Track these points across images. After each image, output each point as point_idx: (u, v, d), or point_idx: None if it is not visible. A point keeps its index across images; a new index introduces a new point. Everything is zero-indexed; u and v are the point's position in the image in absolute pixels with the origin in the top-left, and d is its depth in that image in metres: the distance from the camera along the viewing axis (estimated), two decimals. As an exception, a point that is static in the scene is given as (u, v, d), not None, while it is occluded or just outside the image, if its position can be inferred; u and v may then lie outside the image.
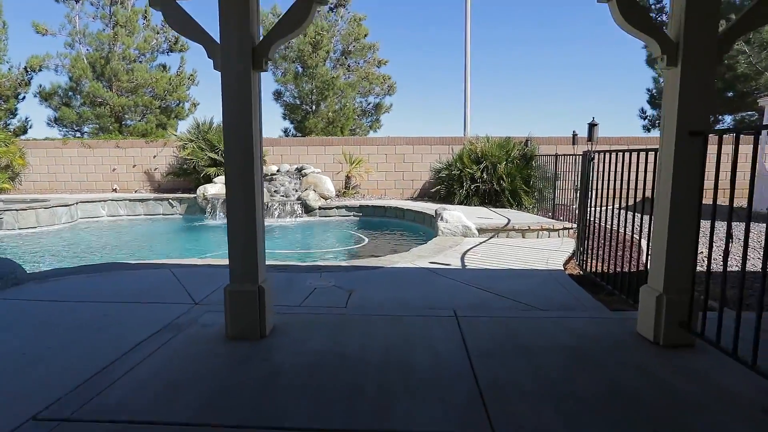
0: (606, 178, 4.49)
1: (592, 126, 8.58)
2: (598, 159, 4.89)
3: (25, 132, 16.97)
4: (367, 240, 8.00)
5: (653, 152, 3.58)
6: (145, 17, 16.26)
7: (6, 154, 12.52)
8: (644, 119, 17.73)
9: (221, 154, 11.56)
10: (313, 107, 16.11)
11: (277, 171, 11.89)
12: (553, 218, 8.38)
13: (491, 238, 6.99)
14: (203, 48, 3.08)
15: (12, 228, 8.83)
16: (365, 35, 17.02)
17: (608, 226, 4.91)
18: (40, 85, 16.02)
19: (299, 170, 11.79)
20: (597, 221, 5.05)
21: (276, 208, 10.24)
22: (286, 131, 17.47)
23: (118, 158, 13.09)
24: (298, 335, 3.23)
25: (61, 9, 16.96)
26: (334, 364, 2.72)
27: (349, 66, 17.42)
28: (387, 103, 18.70)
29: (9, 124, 16.57)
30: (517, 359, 2.76)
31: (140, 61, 16.05)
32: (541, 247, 6.44)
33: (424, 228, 8.79)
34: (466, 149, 11.32)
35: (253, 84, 3.03)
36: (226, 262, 5.21)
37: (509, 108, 47.16)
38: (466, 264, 5.34)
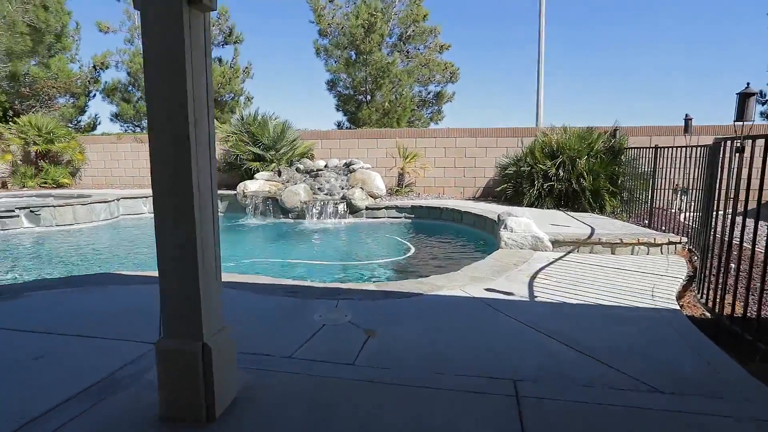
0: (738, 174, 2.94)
1: (745, 96, 5.63)
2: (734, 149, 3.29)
3: (94, 128, 17.55)
4: (413, 250, 6.75)
5: None
6: (203, 10, 15.98)
7: (66, 150, 12.69)
8: (764, 104, 14.67)
9: (263, 148, 10.82)
10: (368, 97, 15.01)
11: (325, 166, 10.94)
12: (649, 227, 6.63)
13: (569, 253, 5.46)
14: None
15: (50, 224, 8.60)
16: (425, 17, 15.58)
17: (733, 240, 3.30)
18: (106, 82, 16.40)
19: (347, 165, 10.76)
20: (717, 233, 3.45)
21: (317, 208, 9.26)
22: (339, 124, 16.58)
23: (169, 153, 12.82)
24: (265, 420, 2.09)
25: (122, 5, 17.31)
26: None
27: (407, 52, 16.10)
28: (449, 92, 17.16)
29: (79, 121, 17.17)
30: None
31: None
32: (639, 268, 4.83)
33: (485, 235, 7.37)
34: (539, 141, 9.66)
35: (190, 30, 1.90)
36: (230, 277, 4.23)
37: (590, 96, 43.21)
38: (535, 293, 3.93)
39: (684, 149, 5.88)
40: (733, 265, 3.75)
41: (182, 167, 1.96)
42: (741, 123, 5.72)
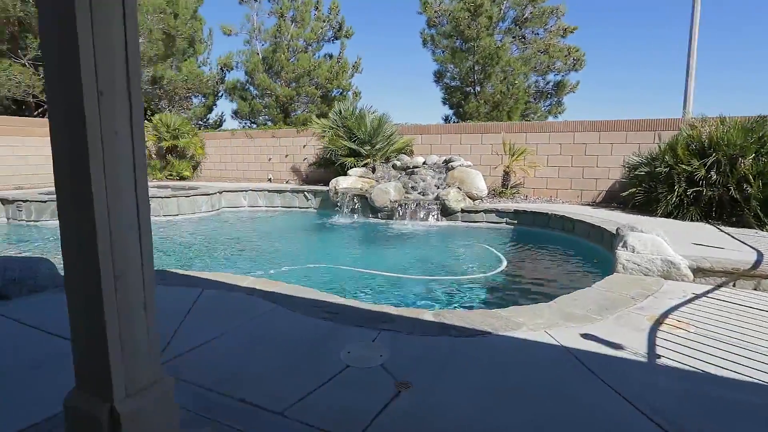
0: None
1: None
2: None
3: (220, 125, 19.02)
4: (504, 264, 5.65)
5: None
6: (317, 8, 16.37)
7: (189, 145, 13.78)
8: None
9: (358, 143, 10.41)
10: (476, 88, 13.79)
11: (423, 163, 10.18)
12: None
13: (720, 287, 3.95)
14: None
15: (157, 215, 9.21)
16: (544, -6, 13.78)
17: None
18: (228, 82, 17.66)
19: (447, 162, 9.86)
20: None
21: (407, 209, 8.54)
22: (447, 118, 15.62)
23: (273, 148, 13.24)
24: None
25: (243, 9, 18.40)
26: None
27: (523, 37, 14.46)
28: (571, 81, 15.05)
29: (208, 119, 18.76)
30: None
31: (307, 52, 16.23)
32: (841, 322, 3.22)
33: (600, 251, 5.97)
34: (683, 136, 7.71)
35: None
36: (274, 286, 3.82)
37: (760, 79, 35.53)
38: (659, 350, 2.72)
39: None
40: None
41: (78, 155, 1.36)
42: None
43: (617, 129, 9.13)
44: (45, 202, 8.51)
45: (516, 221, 8.12)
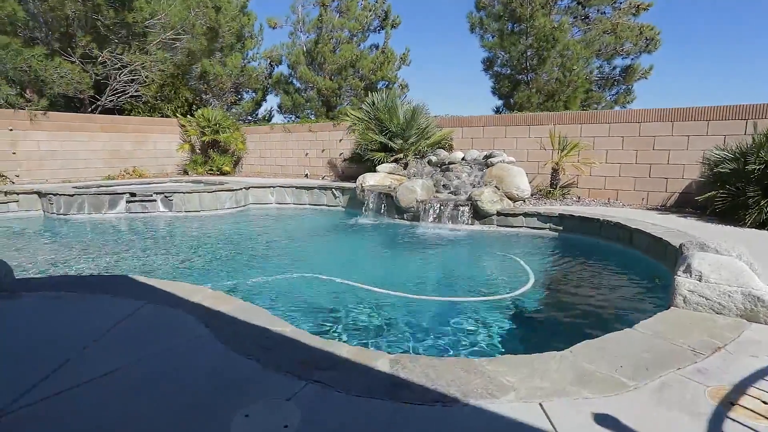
0: None
1: None
2: None
3: (269, 120, 18.94)
4: (531, 283, 4.58)
5: None
6: (363, -3, 15.73)
7: (230, 140, 13.65)
8: None
9: (389, 136, 9.56)
10: (529, 76, 12.38)
11: (462, 159, 9.16)
12: None
13: (835, 338, 2.71)
14: None
15: (179, 210, 8.98)
16: (611, -34, 12.08)
17: None
18: (273, 76, 17.46)
19: (487, 158, 8.78)
20: None
21: (434, 210, 7.59)
22: (497, 109, 14.31)
23: (311, 142, 12.75)
24: None
25: (290, 0, 18.03)
26: None
27: (587, 17, 12.80)
28: (643, 66, 13.12)
29: (256, 114, 18.75)
30: None
31: (351, 42, 15.60)
32: None
33: (663, 271, 4.73)
34: (785, 126, 6.13)
35: None
36: (224, 304, 3.19)
37: None
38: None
39: None
40: None
41: None
42: None
43: (696, 118, 7.57)
44: (72, 195, 8.54)
45: (561, 227, 6.92)
